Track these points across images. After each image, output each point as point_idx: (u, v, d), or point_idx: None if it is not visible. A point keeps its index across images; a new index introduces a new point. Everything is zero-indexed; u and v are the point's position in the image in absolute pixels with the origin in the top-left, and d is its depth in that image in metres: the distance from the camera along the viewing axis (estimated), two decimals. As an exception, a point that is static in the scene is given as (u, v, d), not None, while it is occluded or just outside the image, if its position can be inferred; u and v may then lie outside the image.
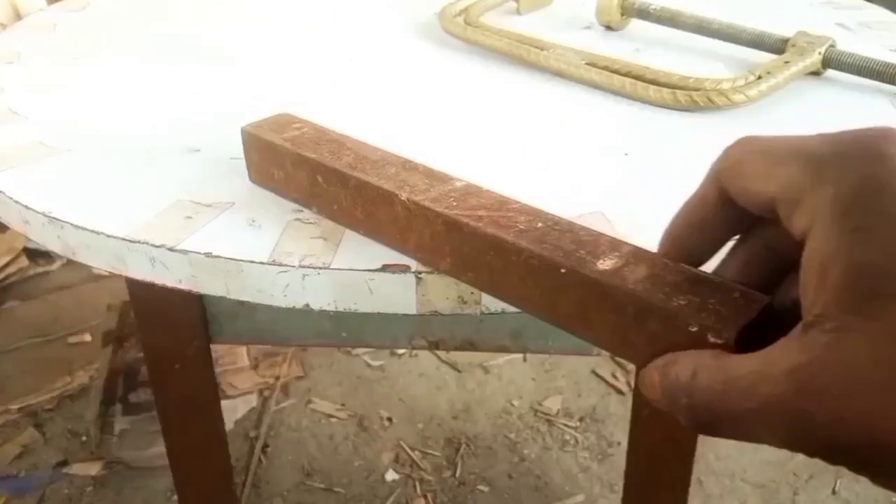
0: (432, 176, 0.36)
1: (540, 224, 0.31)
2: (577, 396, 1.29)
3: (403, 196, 0.34)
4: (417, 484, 1.14)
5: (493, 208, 0.33)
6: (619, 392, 1.28)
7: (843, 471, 0.31)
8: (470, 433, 1.22)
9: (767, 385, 0.23)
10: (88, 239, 0.42)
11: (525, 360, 1.36)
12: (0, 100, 0.58)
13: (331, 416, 1.26)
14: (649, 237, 0.41)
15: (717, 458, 1.16)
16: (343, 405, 1.28)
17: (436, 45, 0.68)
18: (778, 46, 0.60)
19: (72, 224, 0.42)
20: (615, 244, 0.30)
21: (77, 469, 1.16)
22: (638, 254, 0.29)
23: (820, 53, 0.58)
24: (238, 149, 0.44)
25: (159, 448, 1.11)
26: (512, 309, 0.38)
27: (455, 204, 0.33)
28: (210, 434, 0.84)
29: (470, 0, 0.72)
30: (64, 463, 1.17)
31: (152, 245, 0.40)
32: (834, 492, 1.11)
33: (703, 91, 0.54)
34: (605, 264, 0.28)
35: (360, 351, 1.38)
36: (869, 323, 0.21)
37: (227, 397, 1.28)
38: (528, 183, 0.45)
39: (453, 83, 0.61)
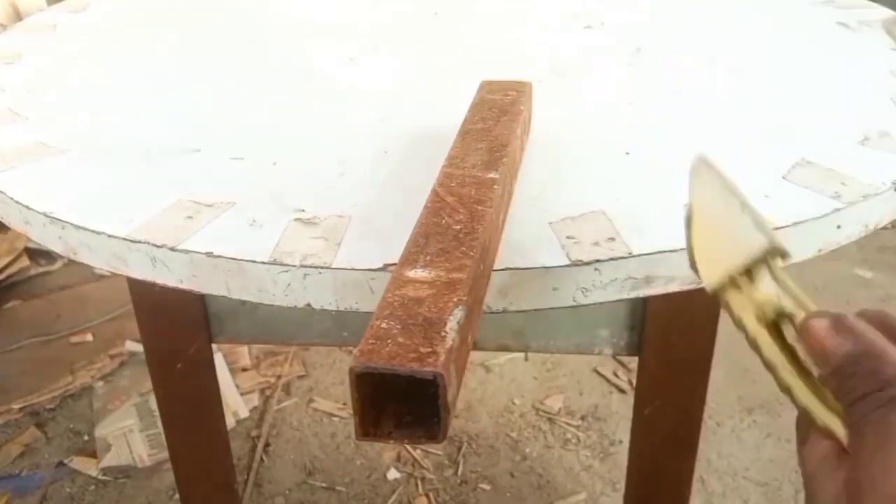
0: None
1: None
2: (578, 395, 1.29)
3: None
4: (419, 482, 1.14)
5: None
6: (621, 391, 1.28)
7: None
8: (472, 432, 1.22)
9: None
10: (89, 239, 0.42)
11: (527, 358, 1.36)
12: (0, 100, 0.58)
13: (332, 414, 1.26)
14: (649, 236, 0.41)
15: (719, 456, 1.16)
16: (344, 404, 1.28)
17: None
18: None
19: (73, 224, 0.42)
20: None
21: (79, 467, 1.16)
22: None
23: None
24: (237, 148, 0.44)
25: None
26: (513, 308, 0.38)
27: None
28: (212, 433, 0.84)
29: None
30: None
31: (153, 245, 0.40)
32: (836, 490, 1.11)
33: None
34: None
35: (361, 350, 1.37)
36: None
37: (229, 396, 1.28)
38: (531, 182, 0.45)
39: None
